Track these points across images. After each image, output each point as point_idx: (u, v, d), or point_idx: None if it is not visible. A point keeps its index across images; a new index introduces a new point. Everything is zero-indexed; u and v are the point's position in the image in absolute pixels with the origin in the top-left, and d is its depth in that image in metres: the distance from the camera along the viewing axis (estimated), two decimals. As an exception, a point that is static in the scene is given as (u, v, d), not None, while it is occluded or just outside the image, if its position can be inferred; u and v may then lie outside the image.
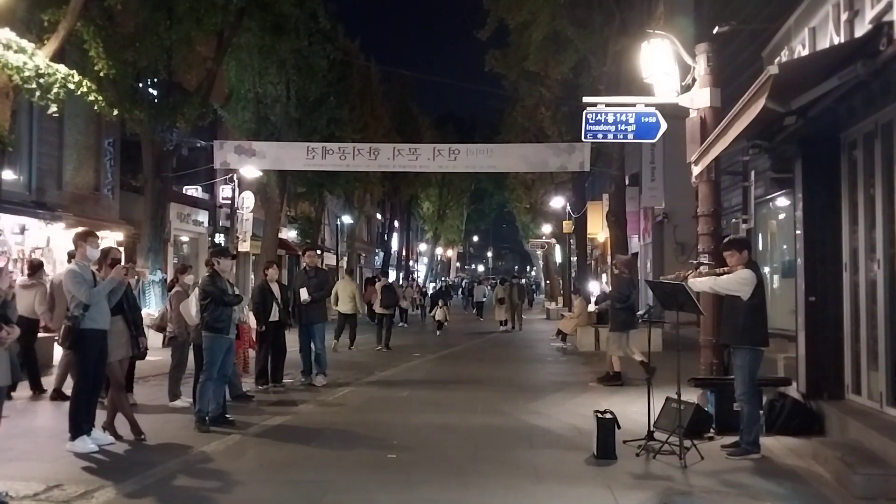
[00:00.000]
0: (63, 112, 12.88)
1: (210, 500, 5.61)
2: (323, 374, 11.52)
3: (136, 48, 14.73)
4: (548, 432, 8.10)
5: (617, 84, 16.11)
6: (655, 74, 9.12)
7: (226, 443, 7.47)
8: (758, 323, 6.90)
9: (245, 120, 21.60)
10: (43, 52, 10.65)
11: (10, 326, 5.31)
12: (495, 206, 64.24)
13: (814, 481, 6.07)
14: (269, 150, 17.60)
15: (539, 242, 45.90)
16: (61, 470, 6.24)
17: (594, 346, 17.29)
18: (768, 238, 12.91)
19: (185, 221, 23.10)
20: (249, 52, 20.24)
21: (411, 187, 46.19)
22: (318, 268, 12.59)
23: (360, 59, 31.71)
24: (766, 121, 6.85)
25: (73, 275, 6.88)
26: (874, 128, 6.93)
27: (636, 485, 6.02)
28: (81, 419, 6.94)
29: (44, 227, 14.58)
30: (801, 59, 7.49)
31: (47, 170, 15.78)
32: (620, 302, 11.73)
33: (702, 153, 8.11)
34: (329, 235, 37.41)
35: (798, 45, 8.20)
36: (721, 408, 7.76)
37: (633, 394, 10.13)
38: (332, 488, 5.91)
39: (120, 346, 7.43)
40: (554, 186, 32.76)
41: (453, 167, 17.69)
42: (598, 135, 9.77)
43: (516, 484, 6.01)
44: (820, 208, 7.85)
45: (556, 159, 17.08)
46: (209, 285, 8.26)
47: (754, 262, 7.24)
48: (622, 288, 11.99)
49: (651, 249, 26.24)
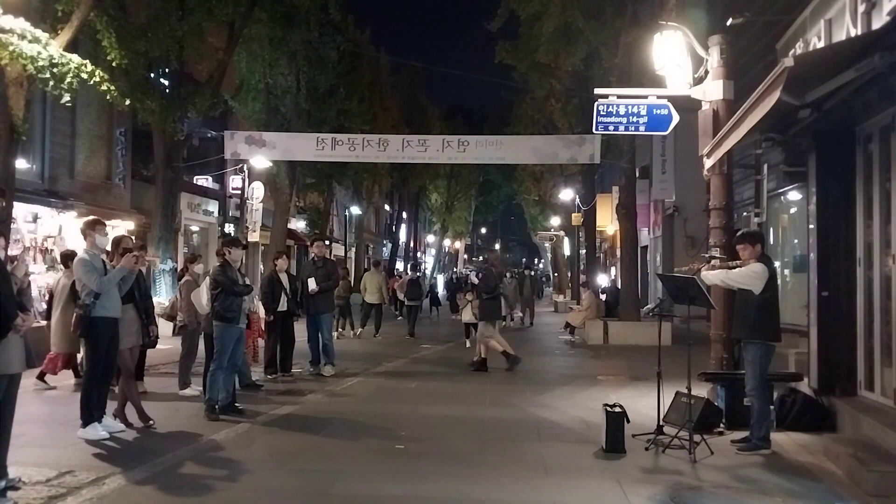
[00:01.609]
0: (76, 102, 12.92)
1: (219, 489, 5.64)
2: (331, 364, 11.55)
3: (148, 38, 14.74)
4: (556, 425, 8.09)
5: (628, 76, 15.99)
6: (667, 66, 9.06)
7: (235, 431, 7.50)
8: (770, 317, 6.86)
9: (255, 111, 21.62)
10: (56, 41, 10.65)
11: (26, 314, 5.34)
12: (504, 197, 64.00)
13: (825, 478, 6.03)
14: (280, 140, 17.65)
15: (548, 235, 45.83)
16: (73, 456, 6.30)
17: (603, 339, 17.30)
18: (780, 232, 12.84)
19: (195, 211, 23.14)
20: (260, 43, 20.25)
21: (420, 179, 46.10)
22: (325, 258, 12.60)
23: (369, 50, 31.63)
24: (779, 114, 6.78)
25: (83, 263, 6.91)
26: (890, 121, 6.86)
27: (645, 479, 6.00)
28: (93, 406, 7.00)
29: (56, 215, 14.63)
30: (817, 52, 7.41)
31: (60, 159, 15.82)
32: (487, 293, 12.57)
33: (714, 146, 8.05)
34: (337, 226, 37.43)
35: (813, 37, 8.13)
36: (731, 403, 7.73)
37: (642, 388, 10.12)
38: (340, 478, 5.93)
39: (130, 335, 7.48)
40: (563, 178, 32.62)
41: (462, 159, 17.69)
42: (609, 127, 9.71)
43: (524, 476, 6.01)
44: (834, 202, 7.79)
45: (566, 151, 17.05)
46: (220, 275, 8.29)
47: (767, 256, 7.19)
48: (490, 280, 12.76)
49: (661, 243, 26.17)
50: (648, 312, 19.40)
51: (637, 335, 16.37)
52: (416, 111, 42.99)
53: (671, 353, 7.88)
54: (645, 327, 16.44)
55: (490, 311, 12.50)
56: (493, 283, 12.71)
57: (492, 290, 12.62)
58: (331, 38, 22.52)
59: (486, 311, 12.50)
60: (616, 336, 17.14)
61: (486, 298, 12.57)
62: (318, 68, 22.42)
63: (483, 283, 12.81)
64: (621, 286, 19.72)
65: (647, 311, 19.99)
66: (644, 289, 25.05)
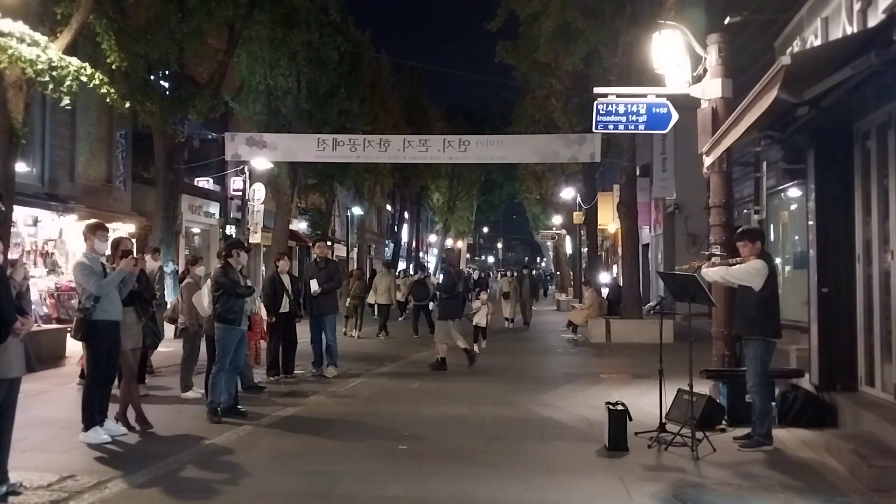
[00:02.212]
0: (75, 105, 12.96)
1: (222, 491, 5.64)
2: (334, 366, 11.55)
3: (147, 41, 14.77)
4: (559, 424, 8.10)
5: (628, 75, 16.01)
6: (666, 65, 9.07)
7: (237, 434, 7.51)
8: (770, 314, 6.87)
9: (256, 112, 21.64)
10: (56, 44, 10.68)
11: (25, 317, 5.35)
12: (505, 197, 64.00)
13: (827, 473, 6.04)
14: (280, 141, 17.66)
15: (549, 234, 45.80)
16: (74, 460, 6.31)
17: (605, 337, 17.31)
18: (780, 229, 12.85)
19: (196, 213, 23.19)
20: (260, 45, 20.27)
21: (421, 179, 46.13)
22: (328, 259, 12.61)
23: (370, 51, 31.65)
24: (778, 111, 6.79)
25: (81, 267, 6.92)
26: (888, 118, 6.87)
27: (648, 476, 6.00)
28: (94, 410, 6.99)
29: (56, 218, 14.68)
30: (814, 49, 7.42)
31: (60, 162, 15.87)
32: (446, 292, 12.68)
33: (713, 144, 8.06)
34: (339, 227, 37.45)
35: (810, 35, 8.13)
36: (733, 399, 7.74)
37: (644, 386, 10.12)
38: (343, 479, 5.94)
39: (131, 337, 7.48)
40: (564, 177, 32.63)
41: (463, 158, 17.69)
42: (609, 125, 9.72)
43: (528, 476, 6.01)
44: (833, 199, 7.80)
45: (566, 150, 17.06)
46: (221, 276, 8.30)
47: (767, 253, 7.20)
48: (448, 279, 12.92)
49: (662, 240, 26.18)
50: (650, 310, 19.41)
51: (639, 333, 16.38)
52: (416, 111, 42.99)
53: (673, 350, 7.89)
54: (647, 325, 16.44)
55: (448, 311, 12.53)
56: (452, 283, 12.78)
57: (450, 290, 12.68)
58: (331, 38, 22.54)
59: (445, 310, 12.55)
60: (618, 334, 17.16)
61: (445, 298, 12.66)
62: (319, 69, 22.43)
63: (443, 283, 12.95)
64: (623, 284, 19.73)
65: (648, 308, 19.99)
66: (646, 287, 25.05)
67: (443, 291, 12.83)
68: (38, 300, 13.06)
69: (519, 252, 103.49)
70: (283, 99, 22.27)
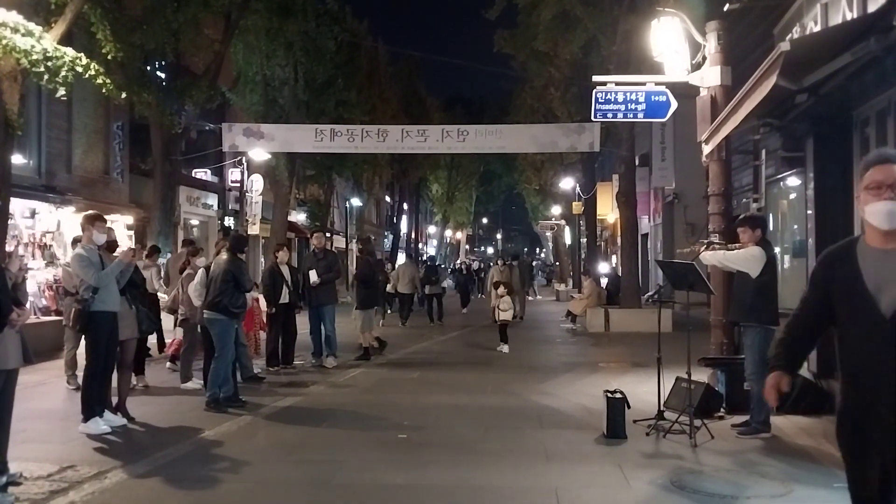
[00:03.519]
0: (71, 96, 12.85)
1: (222, 481, 5.65)
2: (333, 356, 11.57)
3: (143, 31, 14.66)
4: (558, 412, 8.12)
5: (627, 63, 15.95)
6: (665, 53, 9.05)
7: (237, 424, 7.52)
8: (767, 301, 6.87)
9: (253, 102, 21.57)
10: (50, 35, 10.61)
11: (21, 309, 5.35)
12: (504, 187, 63.92)
13: (824, 460, 6.04)
14: (278, 132, 17.59)
15: (549, 224, 45.76)
16: (74, 451, 6.32)
17: (604, 326, 17.33)
18: (779, 217, 12.82)
19: (194, 205, 23.13)
20: (257, 35, 20.18)
21: (420, 169, 46.09)
22: (326, 250, 12.62)
23: (367, 40, 31.53)
24: (777, 99, 6.78)
25: (80, 258, 6.92)
26: (887, 105, 6.84)
27: (646, 464, 6.02)
28: (94, 401, 7.00)
29: (54, 210, 14.62)
30: (813, 36, 7.40)
31: (56, 154, 15.79)
32: (364, 282, 12.60)
33: (712, 132, 8.04)
34: (338, 218, 37.42)
35: (810, 21, 8.11)
36: (731, 387, 7.74)
37: (642, 374, 10.13)
38: (343, 468, 5.95)
39: (125, 327, 7.47)
40: (563, 167, 32.58)
41: (462, 148, 17.62)
42: (608, 114, 9.70)
43: (526, 463, 6.03)
44: (831, 187, 7.79)
45: (565, 140, 16.99)
46: (237, 270, 8.33)
47: (767, 241, 7.18)
48: (365, 269, 12.85)
49: (661, 230, 26.19)
50: (649, 299, 19.43)
51: (638, 322, 16.39)
52: (415, 101, 42.88)
53: (671, 339, 7.89)
54: (645, 314, 16.45)
55: (365, 300, 12.42)
56: (368, 273, 12.77)
57: (367, 280, 12.66)
58: (328, 28, 22.45)
59: (361, 300, 12.41)
60: (617, 323, 17.17)
61: (363, 288, 12.57)
62: (316, 59, 22.34)
63: (360, 272, 12.82)
64: (622, 274, 19.73)
65: (647, 297, 20.01)
66: (644, 276, 25.07)
67: (360, 281, 12.63)
68: (36, 292, 13.03)
69: (519, 242, 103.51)
70: (280, 89, 22.19)
